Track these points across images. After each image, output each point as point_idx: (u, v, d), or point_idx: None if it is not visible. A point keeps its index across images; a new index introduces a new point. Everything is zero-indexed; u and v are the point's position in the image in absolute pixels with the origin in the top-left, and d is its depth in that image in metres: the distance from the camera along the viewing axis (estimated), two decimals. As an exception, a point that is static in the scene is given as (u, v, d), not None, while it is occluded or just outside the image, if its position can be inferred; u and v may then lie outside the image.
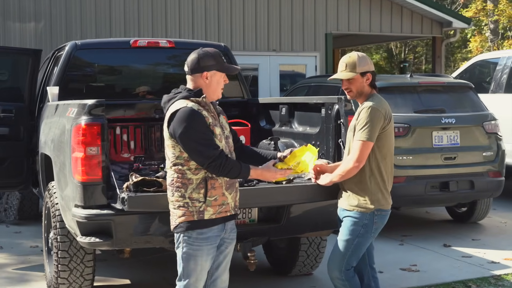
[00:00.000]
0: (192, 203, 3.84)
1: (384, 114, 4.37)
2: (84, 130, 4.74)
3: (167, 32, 13.28)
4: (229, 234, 4.07)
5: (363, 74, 4.47)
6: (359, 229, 4.42)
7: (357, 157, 4.30)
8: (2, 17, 12.26)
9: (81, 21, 12.73)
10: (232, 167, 3.82)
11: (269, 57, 14.25)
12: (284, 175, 4.05)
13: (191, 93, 3.93)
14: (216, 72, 3.95)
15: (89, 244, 4.75)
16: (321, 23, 14.60)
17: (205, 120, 3.84)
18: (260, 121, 6.92)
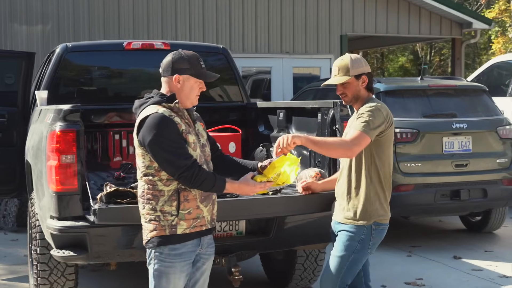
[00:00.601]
0: (163, 217, 3.56)
1: (385, 116, 4.04)
2: (59, 137, 4.48)
3: (177, 33, 13.03)
4: (206, 250, 3.77)
5: (358, 76, 4.14)
6: (355, 244, 4.09)
7: (351, 144, 3.89)
8: (9, 20, 12.11)
9: (89, 22, 12.54)
10: (205, 178, 3.52)
11: (282, 60, 13.93)
12: (264, 188, 3.72)
13: (164, 98, 3.64)
14: (190, 77, 3.64)
15: (63, 258, 4.49)
16: (336, 24, 14.25)
17: (177, 127, 3.55)
18: (259, 126, 6.61)
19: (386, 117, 4.04)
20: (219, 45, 7.00)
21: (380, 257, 7.24)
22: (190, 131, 3.62)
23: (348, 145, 3.91)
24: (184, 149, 3.52)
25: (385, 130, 4.05)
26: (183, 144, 3.53)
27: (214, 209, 3.76)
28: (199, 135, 3.72)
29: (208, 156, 3.76)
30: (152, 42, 6.68)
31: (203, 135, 3.77)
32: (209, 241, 3.79)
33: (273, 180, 3.67)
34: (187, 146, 3.56)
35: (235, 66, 6.93)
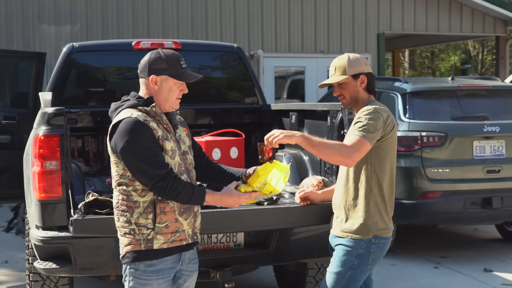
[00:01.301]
0: (139, 230, 3.26)
1: (385, 118, 3.66)
2: (41, 141, 4.23)
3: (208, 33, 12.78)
4: (187, 266, 3.45)
5: (356, 76, 3.77)
6: (353, 259, 3.71)
7: (351, 150, 3.52)
8: (37, 20, 12.02)
9: (117, 22, 12.38)
10: (181, 190, 3.20)
11: (317, 59, 13.52)
12: (249, 199, 3.37)
13: (140, 101, 3.33)
14: (168, 77, 3.32)
15: (45, 271, 4.23)
16: (372, 22, 13.79)
17: (152, 133, 3.24)
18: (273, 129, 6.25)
19: (387, 120, 3.67)
20: (233, 44, 6.66)
21: (403, 269, 6.83)
22: (169, 137, 3.31)
23: (348, 152, 3.55)
24: (158, 157, 3.21)
25: (386, 135, 3.68)
26: (158, 152, 3.23)
27: (197, 222, 3.44)
28: (180, 142, 3.42)
29: (190, 165, 3.45)
30: (162, 41, 6.38)
31: (185, 142, 3.46)
32: (191, 257, 3.47)
33: (258, 190, 3.32)
34: (164, 154, 3.26)
35: (250, 66, 6.60)
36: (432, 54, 33.43)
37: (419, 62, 33.79)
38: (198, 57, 6.54)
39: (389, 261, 7.05)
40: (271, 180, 3.33)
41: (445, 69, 32.75)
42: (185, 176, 3.33)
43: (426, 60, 33.53)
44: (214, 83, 6.69)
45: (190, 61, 6.58)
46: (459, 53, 32.17)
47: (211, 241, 4.49)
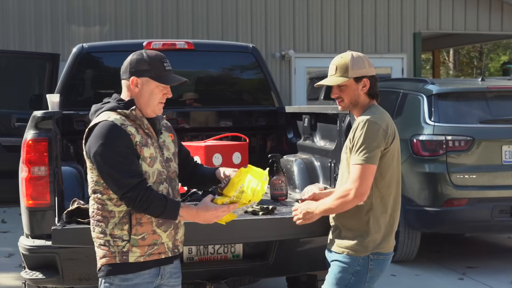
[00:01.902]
0: (114, 242, 3.06)
1: (384, 129, 3.37)
2: (29, 146, 4.08)
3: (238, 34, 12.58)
4: (168, 280, 3.24)
5: (358, 79, 3.49)
6: (349, 277, 3.43)
7: (358, 185, 3.30)
8: (66, 21, 11.99)
9: (147, 23, 12.28)
10: (152, 202, 2.98)
11: (350, 59, 13.19)
12: (228, 211, 3.11)
13: (120, 104, 3.13)
14: (150, 80, 3.12)
15: (31, 281, 4.08)
16: (408, 21, 13.39)
17: (129, 138, 3.03)
18: (288, 133, 6.01)
19: (387, 130, 3.38)
20: (248, 44, 6.42)
21: (427, 279, 6.51)
22: (148, 143, 3.10)
23: (352, 193, 3.31)
24: (131, 166, 3.00)
25: (388, 146, 3.39)
26: (132, 160, 3.01)
27: (178, 234, 3.22)
28: (164, 148, 3.20)
29: (173, 173, 3.23)
30: (174, 42, 6.18)
31: (169, 148, 3.24)
32: (173, 270, 3.26)
33: (235, 200, 3.06)
34: (141, 162, 3.05)
35: (266, 66, 6.34)
36: (480, 54, 32.62)
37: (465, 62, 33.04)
38: (212, 57, 6.33)
39: (412, 271, 6.75)
40: (248, 188, 3.06)
41: (495, 69, 31.93)
42: (166, 185, 3.13)
43: (475, 60, 32.72)
44: (228, 85, 6.47)
45: (204, 62, 6.44)
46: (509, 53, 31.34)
47: (207, 252, 4.28)
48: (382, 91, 8.16)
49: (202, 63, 6.38)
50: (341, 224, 3.48)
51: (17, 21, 11.95)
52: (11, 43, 11.76)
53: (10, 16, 11.91)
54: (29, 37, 11.90)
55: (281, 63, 12.76)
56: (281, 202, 4.61)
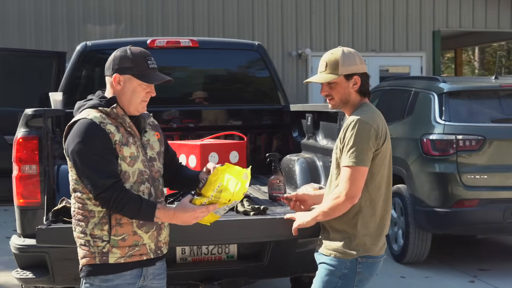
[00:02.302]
0: (94, 242, 3.00)
1: (376, 129, 3.25)
2: (19, 144, 4.03)
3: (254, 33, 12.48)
4: (151, 282, 3.16)
5: (349, 76, 3.35)
6: (336, 280, 3.30)
7: (348, 188, 3.19)
8: (82, 20, 12.01)
9: (162, 21, 12.25)
10: (126, 203, 2.91)
11: (368, 58, 13.01)
12: (206, 212, 3.01)
13: (102, 101, 3.06)
14: (132, 78, 3.04)
15: (21, 280, 4.04)
16: (427, 19, 13.22)
17: (107, 137, 2.96)
18: (293, 131, 5.92)
19: (378, 129, 3.25)
20: (253, 42, 6.33)
21: (437, 282, 6.36)
22: (129, 142, 3.03)
23: (343, 195, 3.20)
24: (107, 166, 2.93)
25: (379, 146, 3.27)
26: (109, 160, 2.94)
27: (162, 235, 3.14)
28: (148, 147, 3.13)
29: (156, 173, 3.15)
30: (179, 39, 6.13)
31: (153, 147, 3.17)
32: (156, 271, 3.18)
33: (214, 200, 2.97)
34: (120, 161, 2.98)
35: (271, 64, 6.25)
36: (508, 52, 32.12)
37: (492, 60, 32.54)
38: (216, 55, 6.25)
39: (423, 273, 6.60)
40: (227, 187, 2.96)
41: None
42: (148, 185, 3.06)
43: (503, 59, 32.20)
44: (233, 83, 6.38)
45: (208, 60, 6.36)
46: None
47: (201, 252, 4.20)
48: (394, 90, 8.09)
49: (207, 61, 6.30)
50: (330, 226, 3.37)
51: (33, 20, 12.01)
52: (27, 42, 11.82)
53: (26, 15, 11.97)
54: (45, 37, 11.95)
55: (298, 61, 12.66)
56: (279, 202, 4.52)
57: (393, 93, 8.02)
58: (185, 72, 6.42)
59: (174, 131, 5.97)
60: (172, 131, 5.96)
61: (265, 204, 4.39)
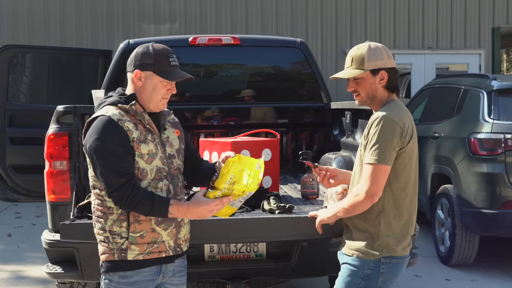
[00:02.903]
0: (113, 238, 3.02)
1: (401, 127, 3.16)
2: (50, 140, 4.10)
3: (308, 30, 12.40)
4: (171, 279, 3.16)
5: (375, 72, 3.26)
6: (358, 281, 3.24)
7: (369, 186, 3.13)
8: (137, 19, 12.17)
9: (216, 20, 12.29)
10: (139, 201, 2.91)
11: (424, 56, 12.79)
12: (221, 205, 2.98)
13: (122, 98, 3.07)
14: (153, 74, 3.03)
15: (50, 275, 4.10)
16: (487, 15, 12.85)
17: (125, 134, 2.97)
18: (334, 129, 5.84)
19: (404, 128, 3.16)
20: (296, 39, 6.27)
21: (483, 285, 6.21)
22: (147, 140, 3.03)
23: (362, 195, 3.14)
24: (122, 164, 2.93)
25: (404, 145, 3.18)
26: (123, 158, 2.94)
27: (181, 233, 3.13)
28: (167, 145, 3.13)
29: (176, 170, 3.15)
30: (220, 37, 6.12)
31: (173, 145, 3.16)
32: (176, 268, 3.18)
33: (227, 192, 2.92)
34: (138, 158, 2.98)
35: (314, 62, 6.18)
36: None
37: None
38: (258, 53, 6.23)
39: (469, 276, 6.42)
40: (241, 178, 2.91)
41: None
42: (166, 182, 3.05)
43: None
44: (274, 80, 6.34)
45: (250, 57, 6.34)
46: None
47: (229, 250, 4.17)
48: (444, 88, 7.89)
49: (248, 58, 6.28)
50: (353, 225, 3.30)
51: (90, 20, 12.24)
52: (84, 41, 12.04)
53: (83, 15, 12.21)
54: (101, 35, 12.15)
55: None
56: (311, 201, 4.46)
57: (443, 91, 7.83)
58: (226, 70, 6.41)
59: (215, 129, 5.97)
60: (213, 128, 5.96)
61: (297, 203, 4.36)
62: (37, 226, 8.43)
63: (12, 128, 6.57)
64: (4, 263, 6.90)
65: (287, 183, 5.33)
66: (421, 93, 8.57)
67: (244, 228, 3.64)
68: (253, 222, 3.67)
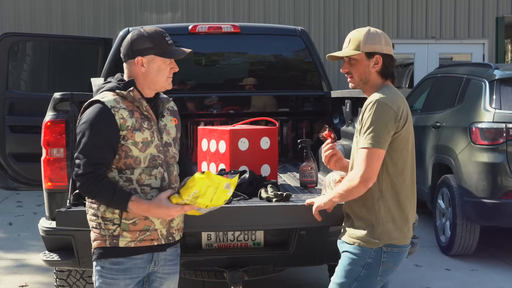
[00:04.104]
0: (105, 225, 3.01)
1: (396, 111, 3.13)
2: (47, 128, 4.09)
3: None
4: (162, 268, 3.15)
5: (370, 55, 3.24)
6: (359, 270, 3.21)
7: (363, 170, 3.11)
8: (139, 9, 12.13)
9: (218, 9, 12.24)
10: (98, 192, 2.89)
11: (427, 46, 12.72)
12: (181, 212, 2.96)
13: (120, 84, 3.05)
14: (155, 57, 3.02)
15: (48, 263, 4.10)
16: (490, 5, 12.76)
17: (115, 126, 2.94)
18: (334, 118, 5.81)
19: (398, 111, 3.13)
20: (297, 27, 6.23)
21: (483, 275, 6.18)
22: (143, 127, 3.01)
23: (357, 179, 3.12)
24: (98, 153, 2.91)
25: (399, 129, 3.15)
26: (102, 149, 2.92)
27: (174, 222, 3.12)
28: (164, 132, 3.11)
29: (171, 158, 3.13)
30: (220, 25, 6.08)
31: (169, 133, 3.15)
32: (168, 257, 3.16)
33: (189, 203, 2.87)
34: (132, 146, 2.96)
35: (315, 50, 6.14)
36: None
37: None
38: (258, 41, 6.19)
39: (469, 266, 6.40)
40: (206, 194, 2.86)
41: None
42: (161, 170, 3.04)
43: None
44: (275, 69, 6.31)
45: (250, 45, 6.30)
46: None
47: (227, 239, 4.16)
48: (446, 77, 7.84)
49: (249, 47, 6.25)
50: (353, 213, 3.28)
51: (92, 9, 12.20)
52: (86, 30, 12.01)
53: (85, 4, 12.16)
54: (103, 25, 12.12)
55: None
56: (310, 190, 4.44)
57: (445, 80, 7.79)
58: (226, 58, 6.38)
59: (215, 117, 5.95)
60: (213, 117, 5.94)
61: (295, 191, 4.34)
62: (38, 215, 8.40)
63: (12, 116, 6.55)
64: (4, 252, 6.92)
65: (287, 172, 5.31)
66: (423, 83, 8.53)
67: (241, 216, 3.63)
68: (250, 210, 3.64)
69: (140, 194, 2.96)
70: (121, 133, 2.95)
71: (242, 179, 4.11)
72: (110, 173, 2.97)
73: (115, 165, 2.97)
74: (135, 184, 2.97)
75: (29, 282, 5.92)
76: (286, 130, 6.05)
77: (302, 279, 5.80)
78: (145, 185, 2.99)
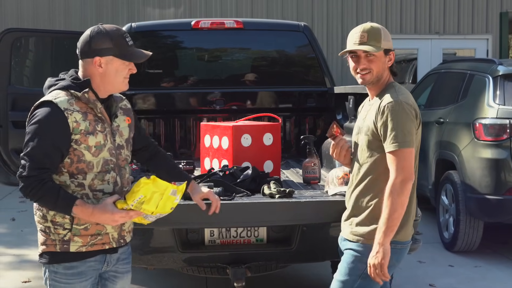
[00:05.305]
0: (54, 229, 2.90)
1: (416, 110, 3.15)
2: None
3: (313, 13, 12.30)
4: (115, 267, 3.08)
5: (387, 52, 3.23)
6: (363, 267, 3.19)
7: (403, 172, 3.05)
8: (142, 3, 12.11)
9: (220, 3, 12.22)
10: (42, 196, 2.81)
11: (431, 41, 12.69)
12: (126, 218, 2.88)
13: (75, 84, 2.93)
14: (114, 58, 2.91)
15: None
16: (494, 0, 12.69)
17: (67, 127, 2.84)
18: (337, 114, 5.79)
19: (417, 111, 3.17)
20: (300, 23, 6.22)
21: (487, 272, 6.16)
22: (96, 131, 2.91)
23: (405, 178, 3.05)
24: (44, 158, 2.81)
25: (417, 127, 3.18)
26: (50, 154, 2.82)
27: (126, 224, 3.06)
28: (117, 134, 3.03)
29: (123, 161, 3.05)
30: (223, 21, 6.08)
31: (122, 134, 3.06)
32: (121, 256, 3.10)
33: (134, 208, 2.81)
34: (85, 151, 2.87)
35: (318, 46, 6.13)
36: None
37: None
38: (261, 37, 6.19)
39: (473, 262, 6.38)
40: (151, 200, 2.81)
41: None
42: (113, 174, 2.96)
43: None
44: (278, 64, 6.30)
45: (253, 41, 6.29)
46: None
47: (230, 235, 4.15)
48: (450, 73, 7.82)
49: (252, 42, 6.24)
50: (356, 211, 3.26)
51: (94, 4, 12.19)
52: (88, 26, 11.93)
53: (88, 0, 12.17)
54: (105, 20, 12.08)
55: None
56: (312, 186, 4.43)
57: (448, 76, 7.76)
58: (229, 54, 6.37)
59: (218, 113, 5.94)
60: (216, 113, 5.93)
61: (298, 187, 4.33)
62: (41, 211, 8.42)
63: (15, 112, 6.53)
64: (7, 247, 6.92)
65: (290, 168, 5.30)
66: (426, 79, 8.51)
67: (244, 212, 3.62)
68: (253, 207, 3.64)
69: (92, 199, 2.89)
70: (73, 137, 2.85)
71: (245, 175, 4.10)
72: (62, 176, 2.89)
73: (67, 169, 2.88)
74: (87, 189, 2.89)
75: (31, 278, 5.92)
76: (289, 126, 6.05)
77: (304, 276, 5.80)
78: (98, 191, 2.91)
